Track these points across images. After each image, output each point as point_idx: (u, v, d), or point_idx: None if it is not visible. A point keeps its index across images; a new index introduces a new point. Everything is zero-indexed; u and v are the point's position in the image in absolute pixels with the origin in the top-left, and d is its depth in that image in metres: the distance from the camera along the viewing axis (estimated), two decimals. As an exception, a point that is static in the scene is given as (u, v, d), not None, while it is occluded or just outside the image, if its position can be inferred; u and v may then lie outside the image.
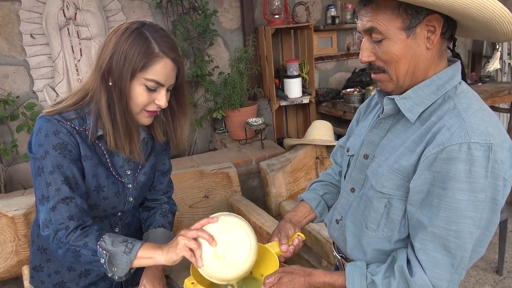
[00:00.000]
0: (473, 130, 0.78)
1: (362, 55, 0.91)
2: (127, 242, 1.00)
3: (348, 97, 3.23)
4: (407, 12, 0.82)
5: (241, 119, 2.95)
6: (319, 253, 1.86)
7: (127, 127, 1.07)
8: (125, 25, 1.04)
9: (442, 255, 0.82)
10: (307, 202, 1.21)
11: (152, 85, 1.02)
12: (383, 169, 0.91)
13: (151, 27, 1.04)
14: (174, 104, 1.15)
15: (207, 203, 2.29)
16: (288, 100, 3.24)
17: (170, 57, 1.02)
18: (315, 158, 2.50)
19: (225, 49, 3.30)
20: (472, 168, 0.77)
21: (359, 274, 0.89)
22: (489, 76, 3.72)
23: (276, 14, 3.14)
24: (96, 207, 1.13)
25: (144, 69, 1.01)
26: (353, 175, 1.03)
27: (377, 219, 0.93)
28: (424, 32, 0.84)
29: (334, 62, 3.86)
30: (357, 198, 1.01)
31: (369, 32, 0.87)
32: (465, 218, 0.79)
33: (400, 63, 0.86)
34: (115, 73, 1.01)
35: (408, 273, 0.83)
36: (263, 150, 2.79)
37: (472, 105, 0.84)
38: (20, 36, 2.64)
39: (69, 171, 1.03)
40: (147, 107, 1.06)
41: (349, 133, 1.21)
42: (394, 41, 0.85)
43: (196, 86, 3.15)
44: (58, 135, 1.02)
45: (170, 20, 2.99)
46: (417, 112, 0.88)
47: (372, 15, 0.85)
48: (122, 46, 1.01)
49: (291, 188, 2.38)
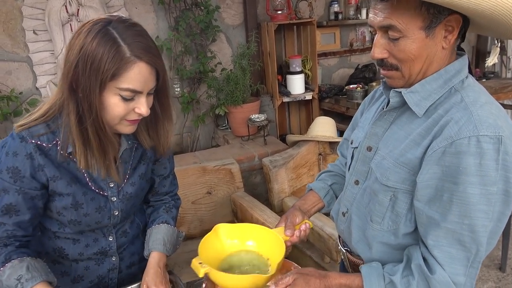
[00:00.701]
0: (482, 123, 0.77)
1: (375, 51, 0.87)
2: (19, 281, 0.95)
3: (351, 93, 3.22)
4: (429, 11, 0.79)
5: (243, 116, 2.94)
6: (321, 250, 1.87)
7: (101, 144, 0.98)
8: (89, 25, 0.90)
9: (457, 249, 0.81)
10: (315, 191, 1.21)
11: (128, 94, 0.92)
12: (388, 162, 0.91)
13: (119, 24, 0.91)
14: (157, 107, 1.04)
15: (210, 199, 2.30)
16: (291, 96, 3.23)
17: (145, 60, 0.90)
18: (318, 154, 2.50)
19: (228, 45, 3.29)
20: (483, 161, 0.76)
21: (376, 275, 0.88)
22: (494, 72, 3.70)
23: (278, 10, 3.13)
24: (77, 223, 1.08)
25: (116, 77, 0.89)
26: (357, 167, 1.02)
27: (382, 212, 0.92)
28: (442, 31, 0.82)
29: (337, 58, 3.84)
30: (361, 191, 1.01)
31: (385, 29, 0.84)
32: (478, 212, 0.78)
33: (416, 62, 0.85)
34: (82, 84, 0.90)
35: (428, 271, 0.82)
36: (266, 146, 2.79)
37: (480, 98, 0.83)
38: (23, 33, 2.64)
39: (13, 199, 0.98)
40: (127, 117, 0.97)
41: (353, 124, 1.20)
42: (412, 40, 0.82)
43: (199, 82, 3.14)
44: (16, 158, 0.96)
45: (172, 16, 2.99)
46: (425, 106, 0.87)
47: (391, 12, 0.81)
48: (87, 51, 0.88)
49: (293, 185, 2.38)
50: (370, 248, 0.97)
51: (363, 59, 3.93)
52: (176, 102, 3.18)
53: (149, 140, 1.11)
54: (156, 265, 1.16)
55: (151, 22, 2.98)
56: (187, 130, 3.28)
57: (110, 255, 1.19)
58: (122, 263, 1.22)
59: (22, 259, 0.99)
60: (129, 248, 1.24)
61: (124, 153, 1.10)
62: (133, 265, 1.26)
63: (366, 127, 1.03)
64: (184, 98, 3.07)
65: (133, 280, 1.24)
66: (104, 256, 1.18)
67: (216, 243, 1.05)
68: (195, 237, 2.28)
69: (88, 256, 1.15)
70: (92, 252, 1.15)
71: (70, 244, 1.12)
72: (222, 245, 1.06)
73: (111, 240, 1.17)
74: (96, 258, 1.17)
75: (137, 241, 1.26)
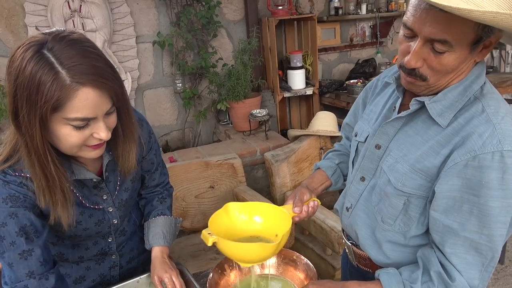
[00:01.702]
0: (506, 137, 0.77)
1: (411, 60, 0.81)
2: None
3: (351, 88, 3.24)
4: (484, 30, 0.75)
5: (245, 111, 2.96)
6: (324, 242, 1.90)
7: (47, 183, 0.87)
8: (20, 50, 0.78)
9: (473, 256, 0.83)
10: (323, 169, 1.21)
11: (79, 123, 0.82)
12: (403, 166, 0.90)
13: (56, 44, 0.78)
14: (118, 125, 0.94)
15: (213, 193, 2.32)
16: (292, 91, 3.25)
17: (89, 84, 0.79)
18: (319, 148, 2.52)
19: (229, 40, 3.30)
20: (505, 175, 0.77)
21: (396, 282, 0.88)
22: (492, 67, 3.72)
23: (279, 5, 3.14)
24: (77, 237, 1.06)
25: (59, 109, 0.78)
26: (363, 164, 1.02)
27: (394, 215, 0.93)
28: (481, 47, 0.80)
29: (337, 54, 3.86)
30: (368, 188, 1.01)
31: (431, 41, 0.78)
32: (497, 223, 0.79)
33: (448, 75, 0.82)
34: (21, 117, 0.80)
35: (448, 279, 0.84)
36: (267, 141, 2.82)
37: (500, 108, 0.82)
38: (25, 29, 2.65)
39: (25, 219, 0.89)
40: (87, 143, 0.87)
41: (355, 111, 1.19)
42: (457, 55, 0.78)
43: (200, 77, 3.16)
44: (8, 186, 0.88)
45: (174, 11, 3.00)
46: (449, 117, 0.84)
47: (449, 26, 0.74)
48: (22, 82, 0.77)
49: (295, 179, 2.41)
50: (379, 247, 0.98)
51: (363, 54, 3.95)
52: (178, 97, 3.20)
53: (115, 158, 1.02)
54: (161, 257, 1.17)
55: (153, 17, 3.00)
56: (188, 125, 3.31)
57: (110, 254, 1.20)
58: (122, 259, 1.24)
59: None
60: (128, 244, 1.25)
61: (110, 164, 1.04)
62: (133, 259, 1.27)
63: (372, 122, 1.02)
64: (185, 94, 3.08)
65: (134, 273, 1.26)
66: (104, 256, 1.19)
67: (225, 219, 1.06)
68: (198, 231, 2.31)
69: (89, 258, 1.16)
70: (93, 254, 1.16)
71: (69, 249, 1.12)
72: (231, 221, 1.07)
73: (110, 241, 1.17)
74: (96, 258, 1.18)
75: (135, 237, 1.27)
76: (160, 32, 2.98)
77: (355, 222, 1.05)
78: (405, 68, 0.84)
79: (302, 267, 1.14)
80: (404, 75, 0.87)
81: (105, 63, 0.84)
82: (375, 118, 1.02)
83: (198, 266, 1.88)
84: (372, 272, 1.03)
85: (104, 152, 0.98)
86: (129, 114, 0.96)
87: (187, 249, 2.10)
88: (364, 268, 1.08)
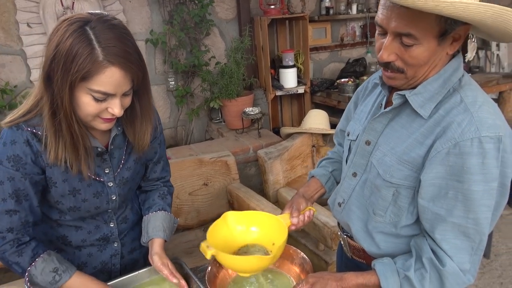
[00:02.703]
0: (483, 124, 0.82)
1: (383, 54, 0.87)
2: (56, 273, 1.02)
3: (342, 87, 3.29)
4: (447, 22, 0.81)
5: (238, 109, 2.99)
6: (317, 238, 1.93)
7: (72, 139, 0.98)
8: (67, 23, 0.90)
9: (462, 240, 0.87)
10: (317, 178, 1.26)
11: (99, 96, 0.93)
12: (390, 159, 0.94)
13: (99, 24, 0.90)
14: (137, 106, 1.05)
15: (206, 190, 2.34)
16: (284, 90, 3.29)
17: (117, 65, 0.90)
18: (312, 146, 2.56)
19: (221, 39, 3.32)
20: (485, 160, 0.81)
21: (391, 271, 0.92)
22: (478, 67, 3.81)
23: (271, 5, 3.17)
24: (77, 209, 1.10)
25: (86, 79, 0.90)
26: (355, 160, 1.06)
27: (385, 206, 0.97)
28: (451, 39, 0.85)
29: (328, 53, 3.91)
30: (360, 183, 1.05)
31: (399, 35, 0.84)
32: (481, 207, 0.84)
33: (423, 67, 0.87)
34: (55, 79, 0.91)
35: (439, 264, 0.88)
36: (260, 139, 2.85)
37: (478, 98, 0.87)
38: (16, 25, 2.63)
39: (20, 184, 1.00)
40: (101, 115, 0.98)
41: (347, 115, 1.24)
42: (425, 48, 0.83)
43: (193, 76, 3.17)
44: (14, 145, 0.98)
45: (166, 10, 3.00)
46: (429, 108, 0.89)
47: (412, 20, 0.81)
48: (61, 49, 0.88)
49: (288, 176, 2.44)
50: (372, 239, 1.02)
51: (354, 54, 4.00)
52: (171, 95, 3.21)
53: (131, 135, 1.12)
54: (161, 250, 1.18)
55: (145, 15, 3.00)
56: (181, 123, 3.31)
57: (112, 241, 1.23)
58: (124, 248, 1.26)
59: (48, 253, 1.05)
60: (130, 234, 1.28)
61: (117, 139, 1.12)
62: (134, 250, 1.29)
63: (363, 121, 1.07)
64: (178, 92, 3.09)
65: (135, 264, 1.28)
66: (106, 242, 1.22)
67: (224, 228, 1.11)
68: (192, 228, 2.33)
69: (91, 243, 1.19)
70: (95, 238, 1.19)
71: (72, 231, 1.16)
72: (229, 230, 1.12)
73: (112, 226, 1.21)
74: (98, 244, 1.21)
75: (137, 228, 1.29)
76: (153, 30, 2.98)
77: (348, 216, 1.08)
78: (382, 63, 0.90)
79: (298, 261, 1.18)
80: (383, 71, 0.93)
81: (135, 50, 0.95)
82: (365, 117, 1.07)
83: (193, 263, 1.89)
84: (366, 263, 1.07)
85: (113, 126, 1.07)
86: (149, 97, 1.07)
87: (181, 246, 2.12)
88: (358, 260, 1.12)
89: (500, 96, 3.55)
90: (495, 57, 4.38)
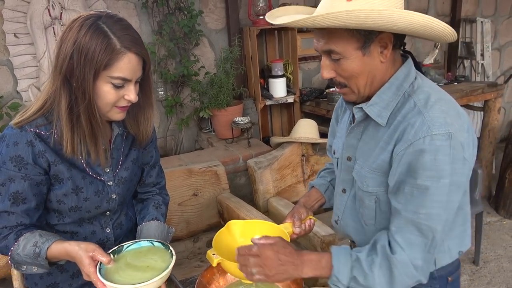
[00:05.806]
0: (434, 123, 0.87)
1: (323, 72, 0.96)
2: (36, 246, 1.03)
3: (331, 96, 3.31)
4: (360, 33, 0.88)
5: (227, 118, 2.99)
6: (306, 247, 1.93)
7: (92, 130, 1.05)
8: (80, 20, 0.99)
9: (416, 236, 0.90)
10: (316, 187, 1.31)
11: (119, 82, 1.01)
12: (364, 170, 1.00)
13: (108, 19, 1.00)
14: (140, 95, 1.12)
15: (196, 201, 2.33)
16: (273, 99, 3.30)
17: (133, 51, 1.00)
18: (301, 155, 2.57)
19: (211, 49, 3.33)
20: (437, 156, 0.85)
21: (344, 253, 0.96)
22: (464, 76, 3.87)
23: (260, 15, 3.19)
24: (78, 209, 1.13)
25: (108, 67, 0.98)
26: (341, 176, 1.12)
27: (372, 215, 1.02)
28: (378, 48, 0.91)
29: (317, 62, 3.94)
30: (351, 198, 1.10)
31: (327, 52, 0.93)
32: (434, 202, 0.88)
33: (359, 78, 0.94)
34: (76, 74, 0.98)
35: (390, 251, 0.92)
36: (250, 148, 2.84)
37: (430, 98, 0.92)
38: (3, 36, 2.60)
39: (19, 186, 1.04)
40: (118, 103, 1.06)
41: (332, 131, 1.29)
42: (352, 60, 0.91)
43: (182, 86, 3.17)
44: (17, 146, 1.02)
45: (155, 20, 3.01)
46: (386, 116, 0.96)
47: (328, 38, 0.90)
48: (81, 44, 0.96)
49: (278, 185, 2.44)
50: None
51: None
52: (160, 105, 3.19)
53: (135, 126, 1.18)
54: None
55: (134, 25, 2.95)
56: (170, 133, 3.30)
57: (108, 248, 1.21)
58: None
59: (32, 232, 1.06)
60: (124, 241, 1.26)
61: (117, 139, 1.17)
62: None
63: (343, 138, 1.11)
64: (167, 102, 3.08)
65: None
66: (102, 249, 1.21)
67: (227, 237, 1.14)
68: (182, 239, 2.31)
69: None
70: None
71: (68, 238, 1.15)
72: (233, 238, 1.15)
73: (108, 231, 1.22)
74: None
75: (130, 235, 1.31)
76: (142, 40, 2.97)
77: (347, 231, 1.13)
78: (329, 81, 0.99)
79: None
80: (337, 89, 1.00)
81: (141, 39, 1.05)
82: (344, 134, 1.11)
83: (182, 274, 1.88)
84: None
85: (114, 125, 1.15)
86: (150, 86, 1.15)
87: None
88: None
89: (485, 104, 3.61)
90: (480, 67, 4.47)
